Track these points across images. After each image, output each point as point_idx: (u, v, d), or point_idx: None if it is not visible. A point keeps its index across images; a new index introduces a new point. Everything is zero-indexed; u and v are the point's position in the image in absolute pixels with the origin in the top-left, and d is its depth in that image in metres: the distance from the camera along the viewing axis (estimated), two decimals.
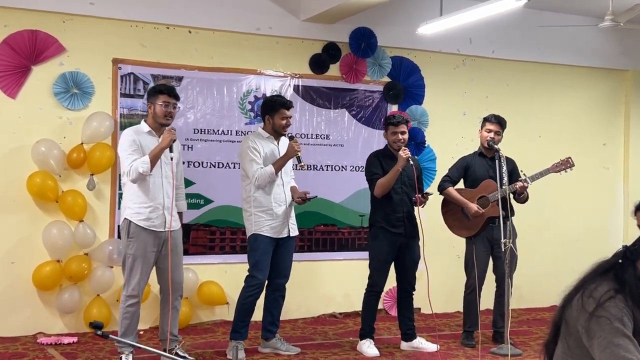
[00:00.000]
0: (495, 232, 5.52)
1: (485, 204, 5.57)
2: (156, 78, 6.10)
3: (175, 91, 4.95)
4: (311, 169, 6.66)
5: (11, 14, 5.64)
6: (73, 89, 5.82)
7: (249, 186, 5.15)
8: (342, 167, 6.78)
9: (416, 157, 6.21)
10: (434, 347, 5.45)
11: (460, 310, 5.90)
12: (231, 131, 6.35)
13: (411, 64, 7.06)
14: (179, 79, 6.18)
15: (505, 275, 5.26)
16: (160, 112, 4.82)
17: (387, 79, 6.97)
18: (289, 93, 6.58)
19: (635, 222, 7.91)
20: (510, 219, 5.39)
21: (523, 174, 5.58)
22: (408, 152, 5.31)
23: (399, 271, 5.50)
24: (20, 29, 5.66)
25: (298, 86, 6.63)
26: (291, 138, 5.20)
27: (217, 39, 6.32)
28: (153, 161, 4.70)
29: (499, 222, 5.35)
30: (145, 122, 4.92)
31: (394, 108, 7.00)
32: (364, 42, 6.75)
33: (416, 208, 5.44)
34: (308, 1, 6.41)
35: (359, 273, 5.68)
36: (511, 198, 5.55)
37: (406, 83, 7.02)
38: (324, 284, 6.73)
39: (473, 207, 5.55)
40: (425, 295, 5.19)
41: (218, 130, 6.33)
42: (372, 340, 5.43)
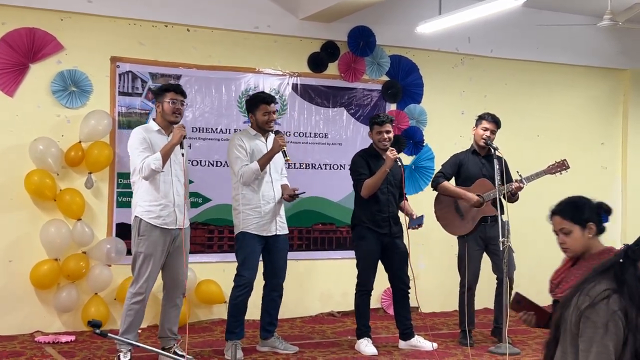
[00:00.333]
0: (488, 231, 5.52)
1: (480, 204, 5.56)
2: (154, 76, 6.09)
3: (181, 88, 4.98)
4: (309, 168, 6.67)
5: (9, 12, 5.63)
6: (71, 87, 5.81)
7: (237, 184, 5.14)
8: (341, 166, 6.77)
9: (416, 157, 6.20)
10: (432, 346, 5.45)
11: (456, 309, 5.89)
12: (229, 129, 6.33)
13: (410, 63, 7.05)
14: (177, 77, 6.17)
15: (502, 273, 5.25)
16: (168, 110, 4.85)
17: (386, 78, 6.97)
18: (288, 92, 6.58)
19: (634, 223, 7.92)
20: (503, 218, 5.39)
21: (519, 175, 5.57)
22: (396, 153, 5.30)
23: (390, 271, 5.49)
24: (18, 27, 5.65)
25: (296, 85, 6.63)
26: (276, 133, 5.18)
27: (216, 38, 6.32)
28: (164, 158, 4.73)
29: (492, 221, 5.34)
30: (154, 121, 4.95)
31: (393, 107, 7.00)
32: (363, 41, 6.74)
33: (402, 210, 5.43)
34: (307, 0, 6.40)
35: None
36: (503, 198, 5.54)
37: (405, 82, 7.02)
38: (322, 283, 6.73)
39: (473, 197, 5.52)
40: (422, 293, 5.19)
41: (216, 128, 6.33)
42: (370, 339, 5.43)
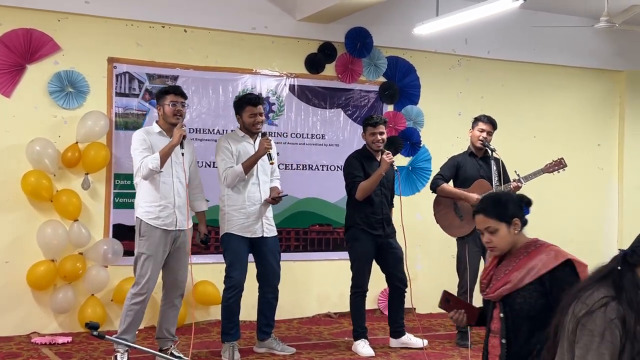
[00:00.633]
0: None
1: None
2: (151, 77, 6.09)
3: (181, 90, 5.00)
4: (306, 169, 6.67)
5: (6, 13, 5.62)
6: (68, 88, 5.80)
7: (223, 185, 5.15)
8: (338, 167, 6.77)
9: (414, 159, 6.21)
10: (423, 343, 5.46)
11: None
12: (226, 131, 6.30)
13: (407, 64, 7.06)
14: (175, 78, 6.17)
15: None
16: (169, 112, 4.88)
17: (383, 79, 6.97)
18: (285, 93, 6.58)
19: (631, 224, 7.92)
20: None
21: (517, 174, 5.58)
22: (392, 157, 5.31)
23: (386, 271, 5.51)
24: (15, 28, 5.64)
25: (294, 86, 6.63)
26: (263, 135, 5.18)
27: (213, 38, 6.31)
28: (163, 158, 4.76)
29: None
30: (156, 124, 4.98)
31: (390, 108, 7.01)
32: (360, 42, 6.74)
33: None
34: (304, 1, 6.40)
35: None
36: None
37: (402, 83, 7.02)
38: (319, 284, 6.73)
39: (474, 197, 5.53)
40: (419, 294, 5.18)
41: (213, 129, 6.32)
42: (367, 340, 5.44)
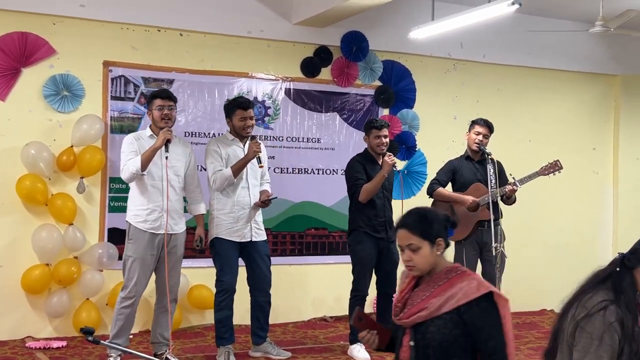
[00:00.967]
0: (484, 236, 5.53)
1: (475, 208, 5.58)
2: (147, 81, 6.08)
3: (168, 93, 5.02)
4: (302, 173, 6.67)
5: (1, 16, 5.61)
6: (63, 92, 5.79)
7: (212, 188, 5.14)
8: (333, 171, 6.77)
9: (409, 162, 6.21)
10: None
11: None
12: (222, 134, 6.30)
13: (402, 68, 7.06)
14: (170, 82, 6.16)
15: (495, 279, 5.26)
16: (157, 116, 4.91)
17: (379, 83, 6.98)
18: (280, 96, 6.58)
19: (626, 228, 7.92)
20: (499, 222, 5.42)
21: (512, 178, 5.59)
22: (394, 158, 5.32)
23: (380, 275, 5.51)
24: (10, 31, 5.63)
25: (289, 89, 6.62)
26: (252, 138, 5.17)
27: (208, 42, 6.31)
28: (144, 161, 4.76)
29: (488, 226, 5.36)
30: (149, 128, 5.02)
31: (385, 112, 7.01)
32: (356, 46, 6.75)
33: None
34: (300, 4, 6.40)
35: (350, 277, 5.66)
36: (499, 201, 5.57)
37: (397, 87, 7.03)
38: (315, 288, 6.72)
39: (469, 199, 5.53)
40: None
41: (209, 133, 6.31)
42: (363, 344, 5.43)
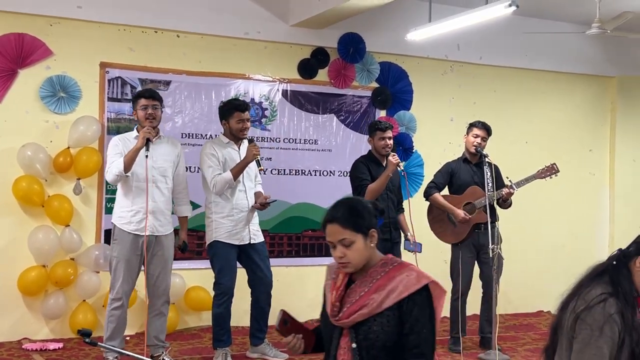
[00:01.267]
0: (481, 238, 5.54)
1: (471, 211, 5.59)
2: (144, 82, 6.07)
3: (153, 92, 5.01)
4: (299, 174, 6.67)
5: None
6: (60, 93, 5.78)
7: (211, 192, 5.11)
8: (330, 172, 6.78)
9: (405, 164, 6.22)
10: None
11: (447, 316, 5.90)
12: (215, 137, 6.31)
13: (399, 70, 7.07)
14: (167, 83, 6.16)
15: (492, 280, 5.27)
16: (141, 116, 4.91)
17: (375, 85, 6.98)
18: (277, 98, 6.58)
19: (622, 229, 7.95)
20: (496, 225, 5.42)
21: (509, 180, 5.60)
22: (397, 158, 5.32)
23: None
24: (6, 32, 5.62)
25: (286, 91, 6.63)
26: (250, 141, 5.17)
27: (206, 43, 6.30)
28: (127, 162, 4.76)
29: (485, 228, 5.37)
30: (136, 129, 5.00)
31: (382, 113, 7.01)
32: (353, 48, 6.75)
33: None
34: (297, 6, 6.41)
35: None
36: (495, 204, 5.57)
37: (394, 89, 7.03)
38: (312, 289, 6.69)
39: (460, 214, 5.56)
40: None
41: (206, 134, 6.31)
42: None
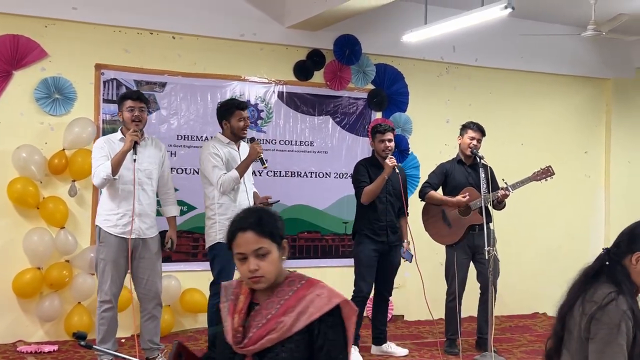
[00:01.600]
0: (475, 239, 5.54)
1: (466, 212, 5.58)
2: (139, 84, 6.06)
3: (139, 94, 4.97)
4: (295, 176, 6.66)
5: None
6: (55, 95, 5.77)
7: (213, 193, 5.06)
8: (326, 174, 6.77)
9: (402, 166, 6.21)
10: (404, 352, 5.49)
11: (443, 317, 5.90)
12: (217, 136, 6.29)
13: (395, 72, 7.07)
14: (162, 85, 6.15)
15: (489, 281, 5.27)
16: (127, 118, 4.86)
17: (371, 86, 6.98)
18: (273, 99, 6.57)
19: (617, 231, 7.94)
20: (492, 226, 5.42)
21: (504, 182, 5.60)
22: (394, 161, 5.32)
23: (379, 277, 5.53)
24: (1, 34, 5.61)
25: (282, 93, 6.62)
26: (252, 140, 5.18)
27: (201, 45, 6.30)
28: (114, 165, 4.72)
29: (480, 229, 5.37)
30: (120, 131, 4.96)
31: (378, 115, 7.02)
32: (349, 49, 6.75)
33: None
34: (293, 8, 6.40)
35: (343, 280, 5.66)
36: (489, 206, 5.57)
37: (390, 90, 7.04)
38: None
39: (459, 198, 5.54)
40: (407, 302, 5.18)
41: (201, 136, 6.30)
42: (357, 347, 5.43)
